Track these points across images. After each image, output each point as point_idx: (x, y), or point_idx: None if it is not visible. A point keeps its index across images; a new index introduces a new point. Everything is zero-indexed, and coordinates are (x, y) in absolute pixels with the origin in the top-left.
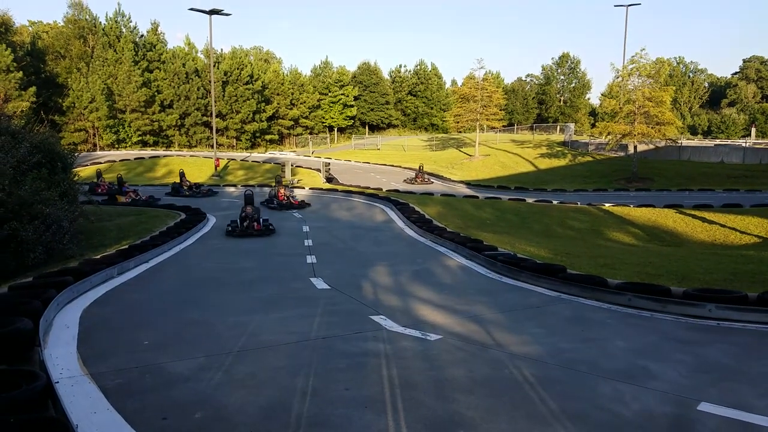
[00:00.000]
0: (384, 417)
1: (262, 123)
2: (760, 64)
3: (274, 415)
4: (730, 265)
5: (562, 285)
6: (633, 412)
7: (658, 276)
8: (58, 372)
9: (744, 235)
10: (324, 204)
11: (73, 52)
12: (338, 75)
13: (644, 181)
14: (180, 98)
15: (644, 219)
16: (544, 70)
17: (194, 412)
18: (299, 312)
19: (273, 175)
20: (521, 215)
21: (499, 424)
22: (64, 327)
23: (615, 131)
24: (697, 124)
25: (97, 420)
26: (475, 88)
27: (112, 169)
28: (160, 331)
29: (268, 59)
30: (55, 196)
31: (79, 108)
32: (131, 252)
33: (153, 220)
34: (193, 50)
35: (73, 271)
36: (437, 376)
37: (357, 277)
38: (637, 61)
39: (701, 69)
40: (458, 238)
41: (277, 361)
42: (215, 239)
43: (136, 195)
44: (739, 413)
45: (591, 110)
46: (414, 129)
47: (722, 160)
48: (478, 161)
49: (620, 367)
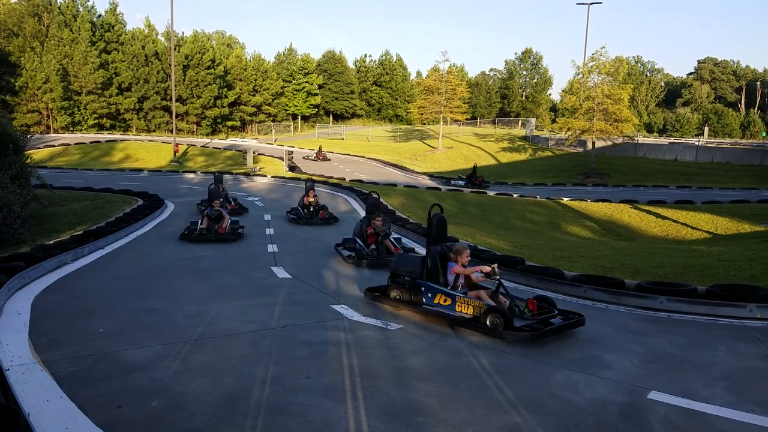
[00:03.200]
0: (344, 405)
1: (224, 109)
2: (713, 65)
3: (233, 404)
4: (682, 259)
5: (521, 276)
6: (586, 400)
7: (612, 269)
8: (8, 359)
9: (695, 230)
10: (286, 193)
11: (26, 31)
12: (303, 62)
13: (601, 177)
14: (139, 81)
15: (601, 213)
16: (507, 65)
17: (150, 401)
18: (260, 301)
19: (234, 162)
20: (482, 208)
21: (457, 412)
22: (15, 313)
23: (574, 127)
24: (653, 122)
25: (50, 408)
26: (440, 81)
27: (67, 152)
28: (116, 318)
29: (230, 44)
30: (6, 178)
31: (33, 88)
32: (86, 238)
33: (109, 206)
34: (153, 32)
35: (24, 257)
36: (397, 364)
37: (319, 266)
38: (597, 59)
39: (658, 68)
40: (421, 229)
41: (236, 349)
42: (172, 227)
43: None
44: (687, 401)
45: (552, 106)
46: (378, 119)
47: (676, 157)
48: (441, 153)
49: (575, 356)
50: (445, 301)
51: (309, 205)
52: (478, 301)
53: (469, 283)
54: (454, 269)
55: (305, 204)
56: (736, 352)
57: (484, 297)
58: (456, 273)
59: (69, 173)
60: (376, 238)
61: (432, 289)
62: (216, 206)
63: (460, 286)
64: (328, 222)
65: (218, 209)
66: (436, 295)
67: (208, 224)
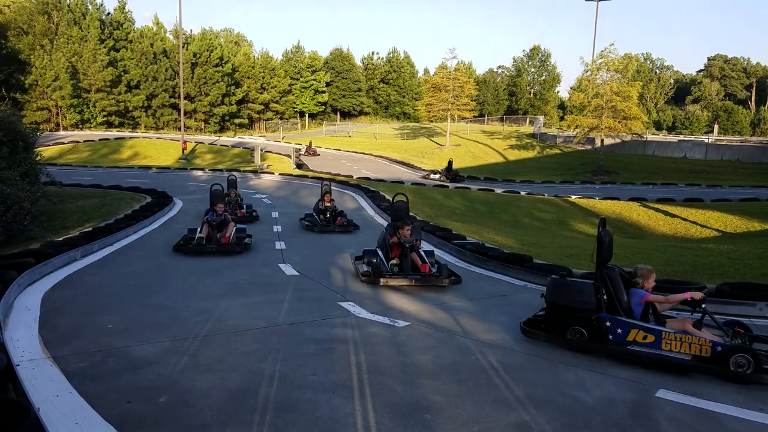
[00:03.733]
0: (351, 402)
1: (232, 106)
2: (723, 62)
3: (240, 400)
4: (691, 257)
5: (529, 274)
6: (595, 398)
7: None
8: (18, 354)
9: (704, 228)
10: (294, 190)
11: (36, 29)
12: (310, 60)
13: (610, 174)
14: (147, 79)
15: (609, 211)
16: (515, 62)
17: (159, 396)
18: (267, 298)
19: (242, 160)
20: (490, 205)
21: (465, 409)
22: (26, 309)
23: (583, 125)
24: (662, 120)
25: (60, 403)
26: (447, 78)
27: (76, 150)
28: (125, 315)
29: (238, 42)
30: (16, 176)
31: (42, 86)
32: (95, 235)
33: (117, 203)
34: (162, 30)
35: (34, 253)
36: (405, 361)
37: (326, 263)
38: (606, 56)
39: (667, 66)
40: (428, 227)
41: (244, 346)
42: (180, 224)
43: None
44: (696, 400)
45: (560, 103)
46: (386, 117)
47: (685, 155)
48: (448, 151)
49: (583, 354)
50: (645, 339)
51: (325, 210)
52: (689, 335)
53: (655, 313)
54: (646, 298)
55: (321, 209)
56: None
57: (692, 330)
58: (648, 302)
59: (78, 170)
60: (402, 250)
61: (623, 324)
62: (219, 210)
63: (651, 318)
64: (347, 230)
65: (222, 214)
66: (629, 331)
67: (209, 232)
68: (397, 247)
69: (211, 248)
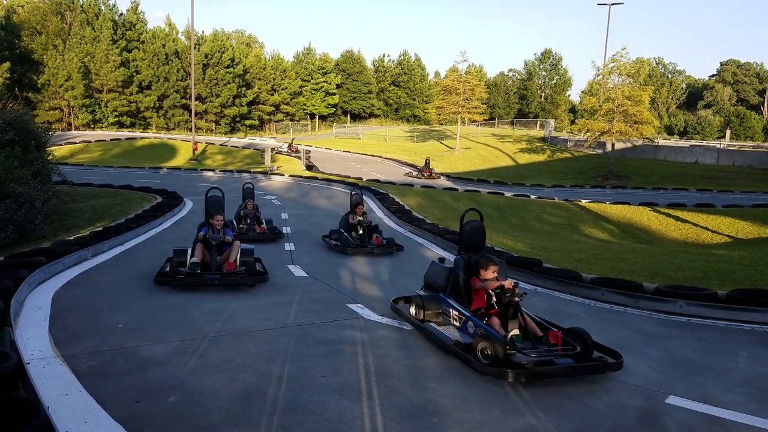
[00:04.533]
0: (359, 404)
1: (243, 108)
2: (736, 67)
3: (249, 400)
4: (701, 263)
5: (538, 278)
6: (604, 404)
7: (631, 272)
8: (29, 353)
9: (715, 234)
10: (304, 192)
11: (49, 29)
12: (321, 62)
13: (621, 179)
14: (159, 80)
15: (619, 216)
16: (526, 66)
17: (168, 396)
18: (276, 299)
19: (252, 161)
20: (499, 209)
21: (473, 413)
22: (36, 308)
23: (594, 129)
24: (674, 125)
25: (69, 402)
26: (458, 81)
27: (88, 149)
28: (134, 314)
29: (250, 43)
30: (28, 175)
31: (55, 86)
32: (106, 234)
33: (128, 203)
34: (174, 31)
35: (45, 252)
36: (413, 364)
37: (335, 265)
38: (617, 60)
39: (679, 70)
40: (437, 229)
41: (253, 347)
42: (191, 224)
43: None
44: (706, 407)
45: (571, 107)
46: (396, 119)
47: (697, 160)
48: (458, 154)
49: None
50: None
51: (358, 225)
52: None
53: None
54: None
55: (352, 224)
56: (757, 357)
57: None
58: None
59: (89, 170)
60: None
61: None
62: (218, 224)
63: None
64: (388, 251)
65: (220, 229)
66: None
67: (204, 256)
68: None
69: (212, 279)
